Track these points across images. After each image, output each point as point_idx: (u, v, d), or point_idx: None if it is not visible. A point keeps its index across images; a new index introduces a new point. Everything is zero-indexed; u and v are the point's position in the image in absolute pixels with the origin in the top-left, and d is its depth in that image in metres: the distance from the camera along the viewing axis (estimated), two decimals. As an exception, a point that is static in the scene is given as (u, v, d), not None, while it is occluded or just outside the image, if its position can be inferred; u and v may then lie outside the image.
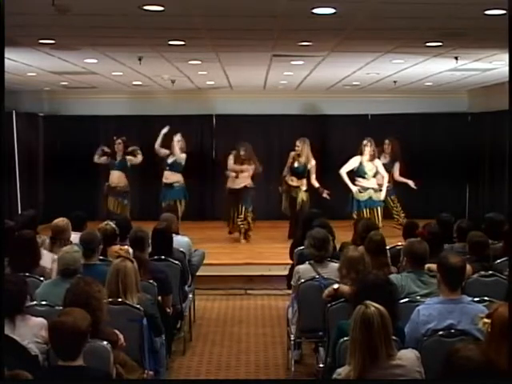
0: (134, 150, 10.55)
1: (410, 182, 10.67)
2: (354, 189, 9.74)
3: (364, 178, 9.77)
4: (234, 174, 10.28)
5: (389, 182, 10.33)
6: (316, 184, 10.18)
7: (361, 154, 9.79)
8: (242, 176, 10.34)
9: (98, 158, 10.65)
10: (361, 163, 9.76)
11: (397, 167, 10.69)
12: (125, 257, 4.68)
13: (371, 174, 9.79)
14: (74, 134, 12.73)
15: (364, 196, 9.77)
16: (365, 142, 9.78)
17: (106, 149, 10.57)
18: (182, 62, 8.37)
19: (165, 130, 10.33)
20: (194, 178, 10.54)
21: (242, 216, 10.32)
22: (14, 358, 3.36)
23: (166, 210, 8.07)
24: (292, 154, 10.23)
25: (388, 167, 10.45)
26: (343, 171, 9.75)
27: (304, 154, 10.11)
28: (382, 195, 9.91)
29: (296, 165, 10.15)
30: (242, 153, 10.32)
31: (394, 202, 10.58)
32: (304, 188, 10.18)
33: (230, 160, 10.35)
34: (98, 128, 12.64)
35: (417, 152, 12.01)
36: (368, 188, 9.77)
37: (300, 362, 5.91)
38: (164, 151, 10.33)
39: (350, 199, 9.82)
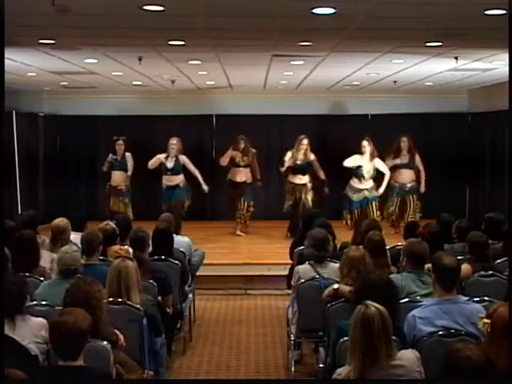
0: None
1: (422, 186, 10.54)
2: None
3: (360, 179, 9.78)
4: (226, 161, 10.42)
5: (415, 180, 10.36)
6: (323, 176, 10.21)
7: (361, 154, 9.79)
8: (244, 170, 10.43)
9: (107, 168, 10.59)
10: (360, 165, 9.77)
11: (419, 160, 10.53)
12: (125, 256, 4.69)
13: (368, 176, 9.80)
14: (73, 134, 12.77)
15: (359, 197, 9.79)
16: (364, 142, 9.78)
17: (112, 157, 10.51)
18: (181, 62, 8.37)
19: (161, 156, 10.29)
20: (194, 178, 10.52)
21: (245, 209, 10.57)
22: (14, 358, 3.36)
23: (169, 210, 8.07)
24: (290, 152, 10.21)
25: (410, 165, 10.42)
26: (346, 164, 9.78)
27: (308, 151, 10.17)
28: (381, 190, 9.92)
29: (299, 162, 10.17)
30: (241, 145, 10.41)
31: (414, 201, 10.42)
32: (310, 185, 10.22)
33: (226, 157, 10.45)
34: (98, 128, 12.65)
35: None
36: (362, 189, 9.79)
37: (300, 362, 5.91)
38: (154, 162, 10.23)
39: (345, 199, 9.87)
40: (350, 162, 9.84)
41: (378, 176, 10.02)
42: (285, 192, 10.62)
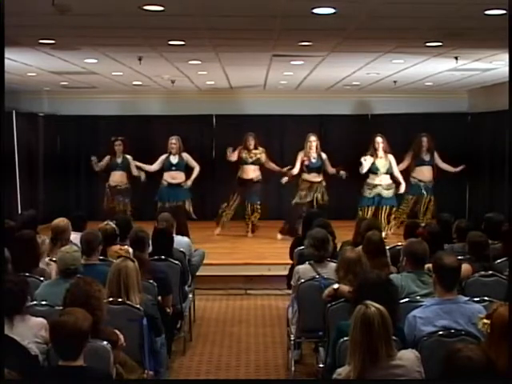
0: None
1: (458, 168, 10.64)
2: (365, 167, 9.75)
3: (376, 174, 9.77)
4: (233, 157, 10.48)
5: (434, 177, 10.44)
6: (333, 170, 10.22)
7: (375, 150, 9.77)
8: (252, 167, 10.47)
9: (97, 166, 10.55)
10: (373, 162, 9.77)
11: (437, 157, 10.62)
12: (126, 256, 4.69)
13: (384, 169, 9.79)
14: (73, 134, 12.77)
15: (372, 193, 9.77)
16: (378, 138, 9.79)
17: (95, 159, 10.50)
18: (181, 62, 8.37)
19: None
20: (194, 178, 10.53)
21: (250, 210, 10.62)
22: (14, 358, 3.36)
23: (167, 210, 8.07)
24: (302, 153, 10.21)
25: (431, 162, 10.47)
26: (363, 170, 9.75)
27: (318, 148, 10.21)
28: (402, 189, 9.98)
29: (313, 160, 10.19)
30: (251, 142, 10.46)
31: (430, 201, 10.46)
32: (324, 183, 10.26)
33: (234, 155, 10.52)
34: (97, 128, 12.65)
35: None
36: (377, 185, 9.77)
37: (300, 362, 5.91)
38: (158, 163, 10.31)
39: (359, 195, 9.86)
40: (366, 165, 9.81)
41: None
42: (286, 191, 10.63)
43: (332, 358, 3.84)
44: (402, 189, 10.08)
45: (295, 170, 10.25)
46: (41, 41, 6.59)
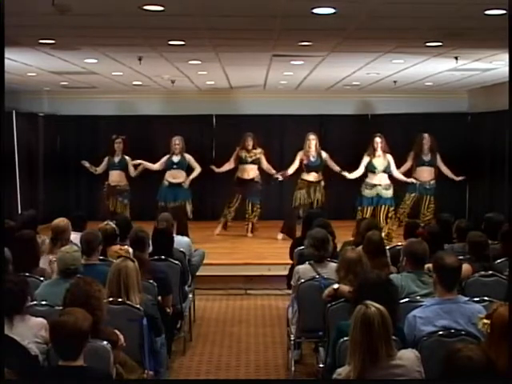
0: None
1: (458, 178, 10.58)
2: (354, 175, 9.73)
3: (374, 172, 9.75)
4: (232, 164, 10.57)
5: (434, 178, 10.41)
6: (338, 168, 10.18)
7: (374, 149, 9.76)
8: (251, 167, 10.47)
9: (91, 168, 10.59)
10: (370, 161, 9.77)
11: (439, 159, 10.55)
12: (126, 256, 4.69)
13: (381, 168, 9.77)
14: (73, 134, 12.77)
15: (371, 193, 9.75)
16: (377, 139, 9.78)
17: (86, 163, 10.57)
18: (181, 62, 8.37)
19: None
20: (194, 178, 10.54)
21: (250, 209, 10.63)
22: (14, 358, 3.36)
23: (173, 211, 8.10)
24: (301, 152, 10.21)
25: (432, 162, 10.44)
26: (356, 175, 9.76)
27: (318, 147, 10.19)
28: (410, 180, 10.02)
29: (312, 159, 10.17)
30: (250, 142, 10.45)
31: (430, 201, 10.48)
32: (323, 183, 10.23)
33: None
34: (97, 128, 12.65)
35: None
36: (376, 185, 9.75)
37: (300, 362, 5.91)
38: (161, 163, 10.35)
39: (358, 195, 9.86)
40: (362, 165, 9.79)
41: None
42: (286, 191, 10.61)
43: (332, 357, 3.84)
44: (413, 180, 10.12)
45: (290, 170, 10.24)
46: (41, 41, 6.59)
